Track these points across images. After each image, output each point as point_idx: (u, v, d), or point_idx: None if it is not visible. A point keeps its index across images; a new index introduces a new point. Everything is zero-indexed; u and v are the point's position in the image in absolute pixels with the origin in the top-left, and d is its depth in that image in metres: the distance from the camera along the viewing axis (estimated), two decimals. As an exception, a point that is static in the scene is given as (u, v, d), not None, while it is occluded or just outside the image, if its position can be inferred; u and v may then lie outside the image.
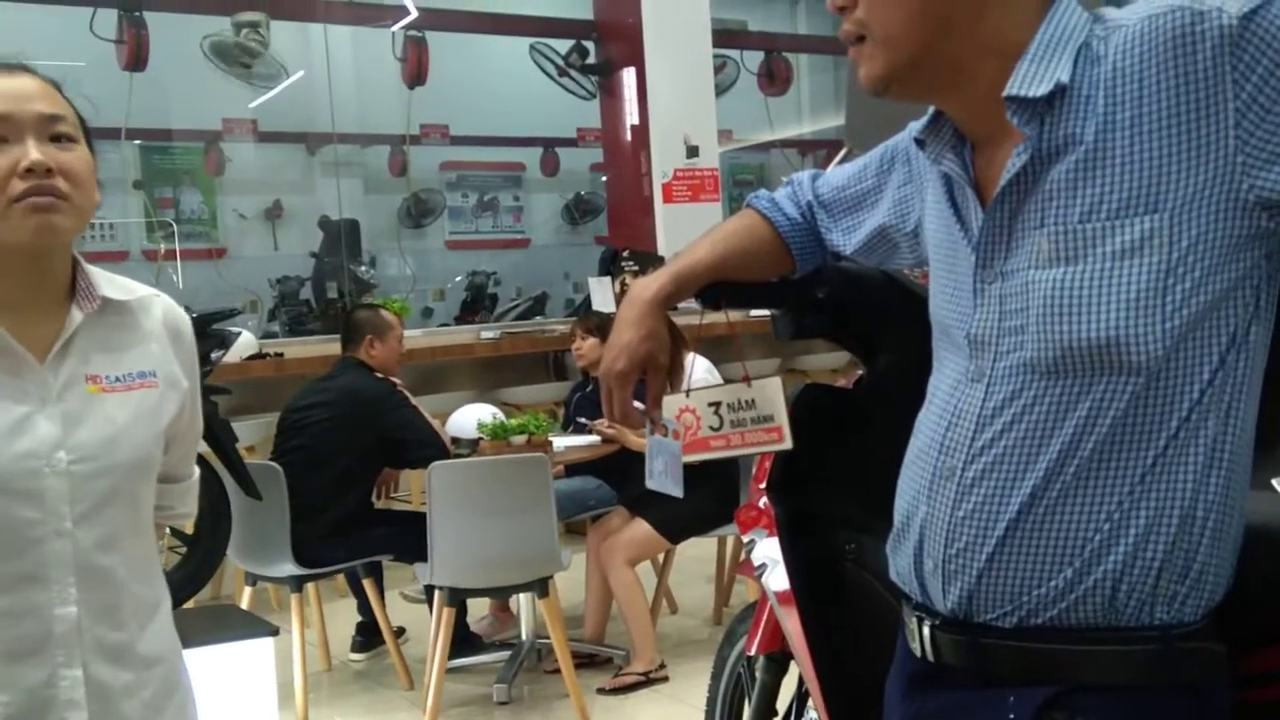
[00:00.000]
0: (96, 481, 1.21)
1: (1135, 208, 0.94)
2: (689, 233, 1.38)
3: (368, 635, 4.14)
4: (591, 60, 7.82)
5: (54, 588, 1.19)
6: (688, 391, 1.38)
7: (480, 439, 3.79)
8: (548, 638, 3.58)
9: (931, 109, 1.12)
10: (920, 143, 1.14)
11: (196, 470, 1.45)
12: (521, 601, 3.88)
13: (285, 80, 7.98)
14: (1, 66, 1.22)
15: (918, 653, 1.10)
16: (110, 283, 1.29)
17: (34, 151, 1.16)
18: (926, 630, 1.08)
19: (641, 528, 3.76)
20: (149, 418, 1.28)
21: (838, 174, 1.37)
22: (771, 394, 1.37)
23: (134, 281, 1.33)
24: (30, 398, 1.19)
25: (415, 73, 7.93)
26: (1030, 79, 0.99)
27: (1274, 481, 1.46)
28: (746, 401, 1.38)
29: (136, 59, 6.77)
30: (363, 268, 8.21)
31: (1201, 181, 0.92)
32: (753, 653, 1.88)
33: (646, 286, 1.31)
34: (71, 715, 1.20)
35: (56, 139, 1.20)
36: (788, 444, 1.37)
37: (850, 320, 1.55)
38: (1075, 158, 0.97)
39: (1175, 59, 0.92)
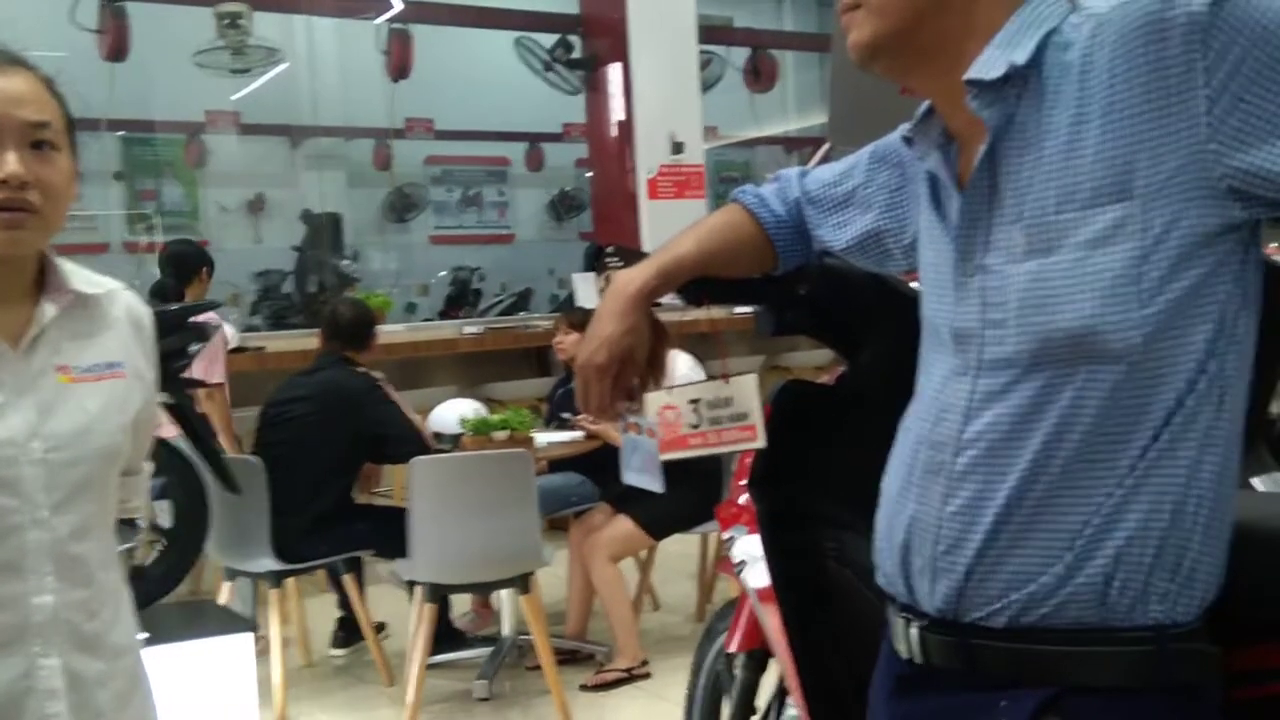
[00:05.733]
0: (71, 470, 1.22)
1: (1107, 196, 0.94)
2: (673, 229, 1.37)
3: (348, 631, 4.13)
4: (577, 55, 7.79)
5: (31, 577, 1.19)
6: (670, 388, 1.37)
7: (462, 434, 3.77)
8: (529, 634, 3.57)
9: (922, 108, 1.12)
10: (909, 141, 1.14)
11: (149, 465, 1.46)
12: (503, 598, 3.87)
13: (269, 72, 7.93)
14: None
15: (905, 654, 1.09)
16: (78, 276, 1.29)
17: (11, 163, 1.16)
18: (914, 631, 1.07)
19: (624, 524, 3.76)
20: (119, 407, 1.29)
21: (827, 170, 1.37)
22: (747, 391, 1.37)
23: (98, 274, 1.33)
24: (5, 387, 1.20)
25: (399, 66, 7.89)
26: (989, 63, 0.99)
27: (1253, 480, 1.47)
28: (724, 399, 1.37)
29: (118, 49, 6.72)
30: (345, 262, 8.18)
31: (1174, 168, 0.92)
32: (733, 650, 1.87)
33: (630, 280, 1.29)
34: (50, 705, 1.20)
35: (38, 145, 1.19)
36: (761, 442, 1.36)
37: (832, 316, 1.55)
38: (1048, 147, 0.97)
39: (1146, 47, 0.92)
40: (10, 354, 1.21)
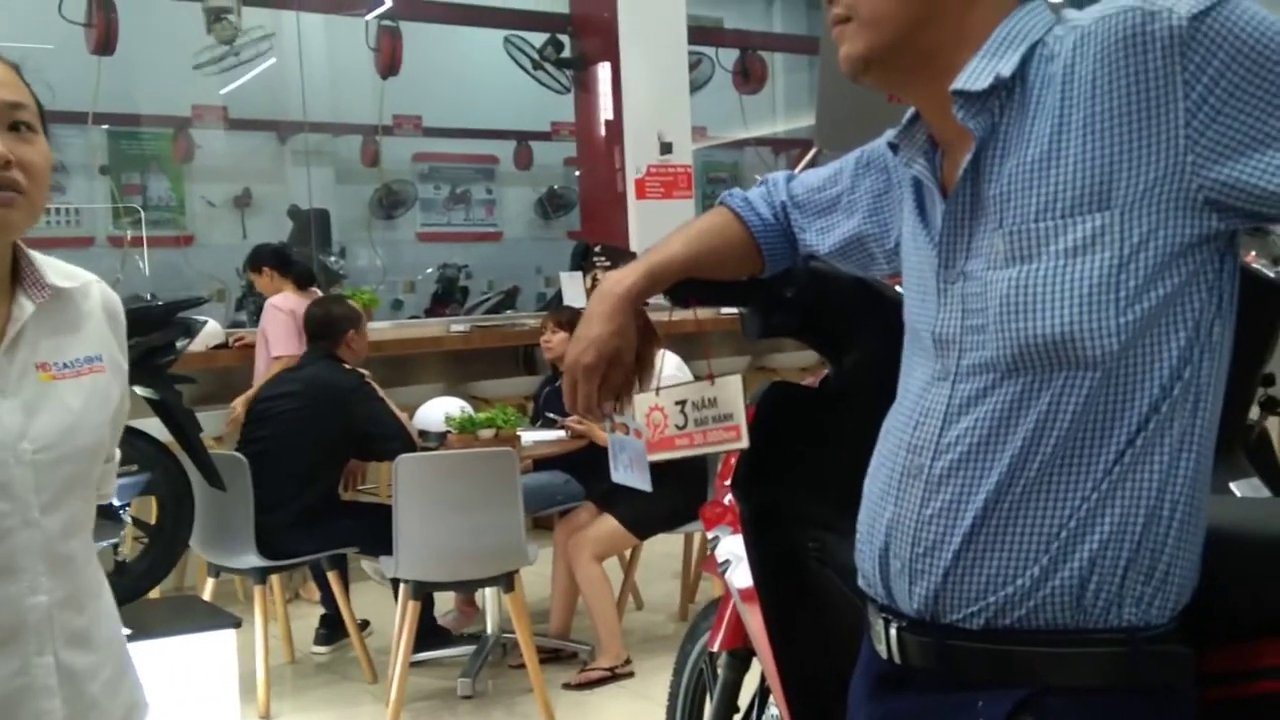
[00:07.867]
0: (58, 469, 1.21)
1: (1087, 205, 0.96)
2: (661, 229, 1.38)
3: (331, 628, 4.12)
4: (566, 54, 7.79)
5: (25, 578, 1.19)
6: (658, 390, 1.38)
7: (448, 432, 3.77)
8: (513, 632, 3.57)
9: (907, 115, 1.13)
10: (894, 147, 1.15)
11: (118, 452, 1.45)
12: (487, 596, 3.88)
13: (257, 67, 7.91)
14: None
15: (884, 654, 1.11)
16: (53, 269, 1.27)
17: None
18: (893, 632, 1.08)
19: (608, 523, 3.77)
20: (100, 402, 1.27)
21: (813, 175, 1.38)
22: (732, 393, 1.38)
23: (72, 266, 1.31)
24: None
25: (388, 63, 7.88)
26: (975, 74, 1.00)
27: (1232, 485, 1.49)
28: (709, 400, 1.39)
29: (105, 42, 6.69)
30: (332, 258, 8.15)
31: (1152, 179, 0.94)
32: (715, 649, 1.88)
33: (619, 281, 1.30)
34: (46, 702, 1.20)
35: (16, 127, 1.18)
36: (745, 443, 1.38)
37: (817, 320, 1.56)
38: (1030, 156, 0.99)
39: (1127, 59, 0.93)
40: None
